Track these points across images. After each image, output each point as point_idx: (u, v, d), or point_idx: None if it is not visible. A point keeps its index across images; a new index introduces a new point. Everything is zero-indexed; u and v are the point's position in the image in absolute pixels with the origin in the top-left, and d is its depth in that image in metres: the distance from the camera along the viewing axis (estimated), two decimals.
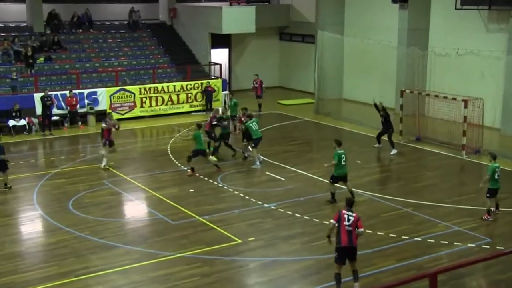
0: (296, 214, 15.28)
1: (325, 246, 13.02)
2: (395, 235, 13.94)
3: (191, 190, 17.34)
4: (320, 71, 28.69)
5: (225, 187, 17.57)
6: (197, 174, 18.53)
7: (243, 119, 20.23)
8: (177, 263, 12.60)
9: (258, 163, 19.41)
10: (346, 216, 11.00)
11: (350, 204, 11.28)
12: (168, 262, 12.62)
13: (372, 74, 29.78)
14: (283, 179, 18.38)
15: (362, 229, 11.09)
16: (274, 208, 15.81)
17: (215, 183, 17.96)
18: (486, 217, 14.70)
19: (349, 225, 10.93)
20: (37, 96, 24.89)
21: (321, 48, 28.56)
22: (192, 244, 13.48)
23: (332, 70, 29.85)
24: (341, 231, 10.95)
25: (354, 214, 11.05)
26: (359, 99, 30.56)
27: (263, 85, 28.52)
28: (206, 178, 18.33)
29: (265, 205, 16.03)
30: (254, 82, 28.51)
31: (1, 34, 29.10)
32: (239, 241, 13.67)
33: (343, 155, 15.57)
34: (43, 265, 12.55)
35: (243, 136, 20.26)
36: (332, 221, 11.17)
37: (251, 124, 19.71)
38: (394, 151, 21.09)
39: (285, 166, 19.72)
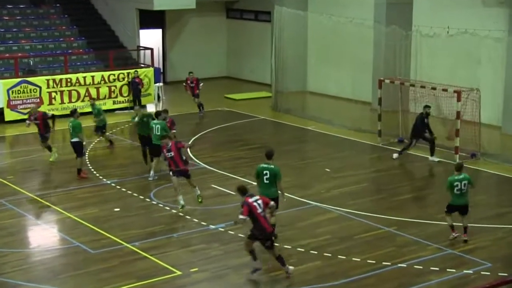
0: None
1: (286, 276, 13.17)
2: (374, 261, 14.16)
3: (116, 209, 17.24)
4: (278, 57, 28.93)
5: (160, 205, 17.53)
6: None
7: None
8: None
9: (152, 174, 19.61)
10: (255, 204, 12.78)
11: (245, 191, 13.00)
12: None
13: (344, 61, 30.23)
14: (232, 193, 18.40)
15: (272, 203, 13.26)
16: (222, 230, 15.86)
17: (147, 200, 17.92)
18: (452, 234, 15.03)
19: (262, 210, 12.83)
20: None
21: (279, 28, 28.81)
22: (119, 279, 13.39)
23: (294, 56, 30.17)
24: (260, 221, 12.84)
25: (258, 197, 12.96)
26: (327, 92, 30.98)
27: (200, 83, 28.40)
28: (135, 194, 18.27)
29: (211, 226, 16.06)
30: (189, 82, 28.34)
31: None
32: (179, 272, 13.65)
33: (266, 171, 14.79)
34: None
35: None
36: (242, 217, 12.70)
37: (153, 125, 19.56)
38: (396, 155, 21.50)
39: (235, 176, 19.81)
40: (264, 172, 14.81)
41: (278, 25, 28.85)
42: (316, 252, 14.55)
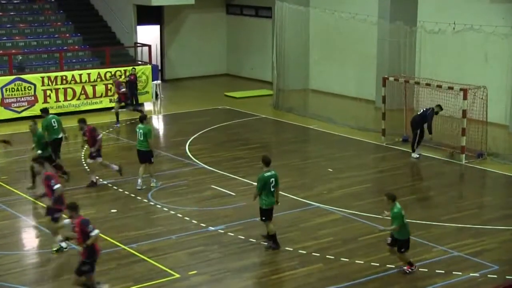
0: (251, 239, 15.36)
1: (287, 279, 13.16)
2: (377, 264, 14.17)
3: (113, 210, 17.26)
4: (280, 54, 28.94)
5: (158, 206, 17.54)
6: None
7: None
8: None
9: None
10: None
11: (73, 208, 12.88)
12: None
13: (347, 58, 30.24)
14: (232, 194, 18.45)
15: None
16: (221, 231, 15.86)
17: (145, 200, 17.91)
18: (407, 270, 13.82)
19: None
20: None
21: (281, 25, 28.82)
22: (116, 281, 13.40)
23: (295, 53, 30.15)
24: None
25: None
26: (330, 90, 30.97)
27: (121, 87, 26.87)
28: (132, 195, 18.27)
29: (210, 228, 16.05)
30: (120, 86, 27.03)
31: None
32: (177, 275, 13.66)
33: (272, 179, 14.59)
34: None
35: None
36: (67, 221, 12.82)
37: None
38: (415, 155, 21.58)
39: (235, 177, 19.81)
40: (271, 180, 14.59)
41: (279, 21, 28.84)
42: (318, 254, 14.55)
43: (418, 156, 21.55)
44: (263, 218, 14.67)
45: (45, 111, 20.23)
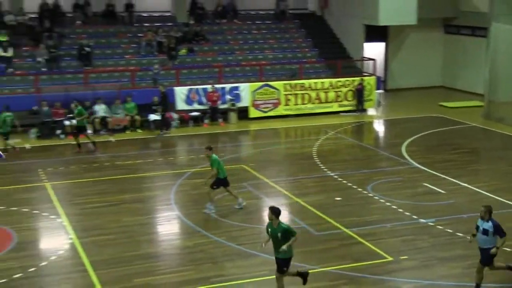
0: (458, 233, 14.72)
1: (492, 273, 12.38)
2: None
3: (338, 198, 17.35)
4: (492, 70, 27.39)
5: (376, 197, 17.36)
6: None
7: None
8: (319, 277, 12.65)
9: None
10: None
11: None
12: (309, 276, 12.70)
13: None
14: (443, 191, 17.79)
15: None
16: (432, 224, 15.37)
17: (365, 192, 17.81)
18: None
19: None
20: (178, 90, 26.29)
21: (495, 43, 27.25)
22: (337, 259, 13.47)
23: (508, 68, 28.35)
24: None
25: None
26: None
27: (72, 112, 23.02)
28: (355, 186, 18.24)
29: (422, 220, 15.62)
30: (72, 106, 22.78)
31: (145, 24, 30.99)
32: (390, 258, 13.45)
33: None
34: (179, 269, 13.19)
35: None
36: None
37: None
38: None
39: (446, 177, 19.07)
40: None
41: (494, 40, 27.30)
42: None
43: None
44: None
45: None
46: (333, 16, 34.15)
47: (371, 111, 29.15)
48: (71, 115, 23.53)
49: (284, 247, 11.17)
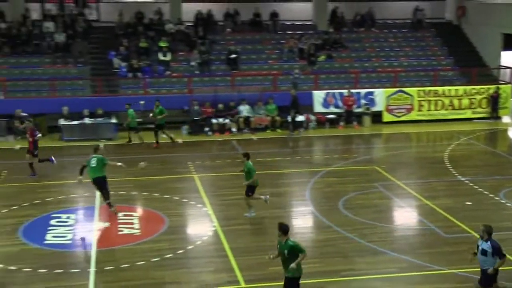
0: None
1: None
2: None
3: (468, 203, 16.69)
4: None
5: (508, 204, 16.51)
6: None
7: None
8: (447, 279, 12.28)
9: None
10: None
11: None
12: (437, 277, 12.38)
13: None
14: None
15: None
16: None
17: (497, 198, 17.00)
18: None
19: None
20: (316, 93, 26.46)
21: None
22: (466, 262, 12.93)
23: None
24: None
25: None
26: None
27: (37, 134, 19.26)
28: (486, 192, 17.45)
29: None
30: (35, 132, 19.23)
31: (288, 32, 31.43)
32: None
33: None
34: (310, 261, 13.21)
35: None
36: None
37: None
38: None
39: None
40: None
41: None
42: None
43: None
44: None
45: None
46: (470, 25, 32.79)
47: (505, 119, 27.70)
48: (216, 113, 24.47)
49: (293, 264, 10.40)
